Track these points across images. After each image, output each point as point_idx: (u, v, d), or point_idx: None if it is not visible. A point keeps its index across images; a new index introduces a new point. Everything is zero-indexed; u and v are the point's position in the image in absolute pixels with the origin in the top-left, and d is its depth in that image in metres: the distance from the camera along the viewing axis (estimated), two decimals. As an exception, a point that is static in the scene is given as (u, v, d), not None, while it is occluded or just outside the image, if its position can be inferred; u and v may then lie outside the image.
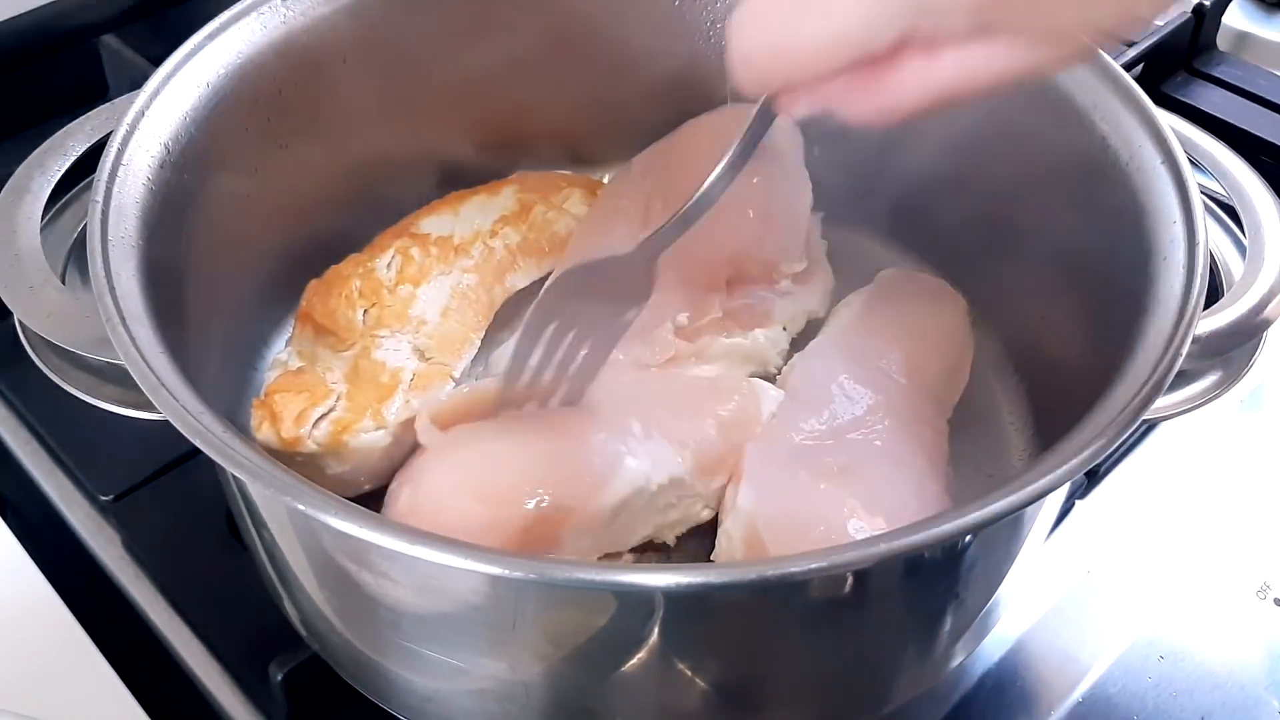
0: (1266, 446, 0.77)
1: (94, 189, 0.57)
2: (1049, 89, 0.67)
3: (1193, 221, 0.57)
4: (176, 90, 0.63)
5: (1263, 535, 0.72)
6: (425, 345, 0.68)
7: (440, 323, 0.69)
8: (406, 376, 0.66)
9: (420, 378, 0.66)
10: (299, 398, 0.63)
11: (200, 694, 0.64)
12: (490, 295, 0.73)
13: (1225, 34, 1.02)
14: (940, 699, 0.64)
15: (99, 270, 0.54)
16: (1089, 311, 0.64)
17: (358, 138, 0.74)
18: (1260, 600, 0.69)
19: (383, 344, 0.67)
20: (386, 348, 0.67)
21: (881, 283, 0.76)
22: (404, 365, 0.67)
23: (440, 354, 0.68)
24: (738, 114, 0.80)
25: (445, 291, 0.71)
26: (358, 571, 0.50)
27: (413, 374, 0.66)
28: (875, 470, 0.64)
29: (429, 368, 0.67)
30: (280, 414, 0.62)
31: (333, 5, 0.71)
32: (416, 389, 0.66)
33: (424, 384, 0.66)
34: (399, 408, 0.65)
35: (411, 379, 0.66)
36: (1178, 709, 0.64)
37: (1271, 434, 0.77)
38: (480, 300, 0.72)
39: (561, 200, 0.78)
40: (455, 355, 0.69)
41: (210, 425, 0.49)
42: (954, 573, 0.54)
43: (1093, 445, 0.48)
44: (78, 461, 0.73)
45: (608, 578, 0.47)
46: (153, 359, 0.51)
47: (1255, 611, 0.68)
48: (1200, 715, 0.64)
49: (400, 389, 0.65)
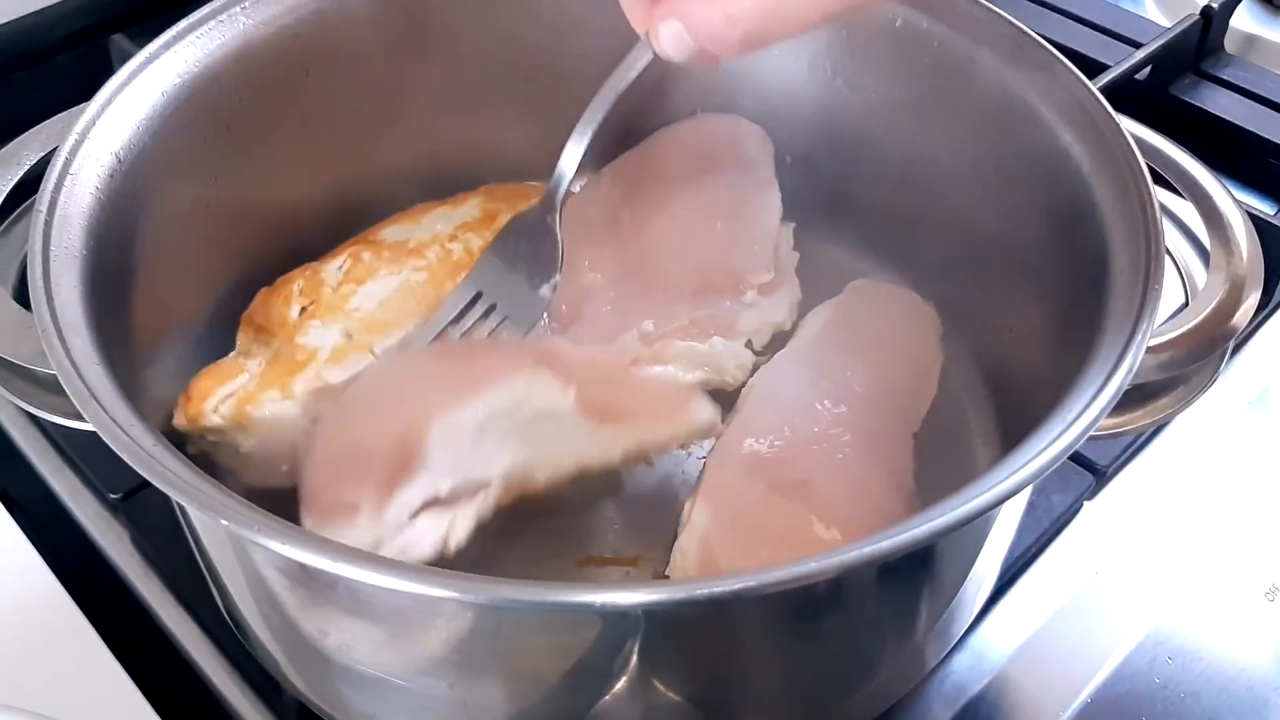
0: (1275, 447, 0.76)
1: (39, 199, 0.57)
2: (1015, 100, 0.66)
3: (1150, 233, 0.56)
4: (130, 99, 0.63)
5: (1271, 536, 0.71)
6: (353, 329, 0.67)
7: (374, 310, 0.68)
8: (324, 355, 0.65)
9: (336, 353, 0.65)
10: (212, 379, 0.63)
11: (209, 691, 0.64)
12: (439, 291, 0.70)
13: (1233, 36, 1.02)
14: (948, 700, 0.64)
15: (38, 280, 0.53)
16: (1053, 325, 0.63)
17: (319, 149, 0.74)
18: (1269, 601, 0.68)
19: (310, 331, 0.66)
20: (312, 334, 0.66)
21: (851, 294, 0.75)
22: (323, 344, 0.65)
23: (365, 335, 0.66)
24: (709, 124, 0.80)
25: (390, 286, 0.69)
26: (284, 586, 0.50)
27: (330, 351, 0.65)
28: (835, 484, 0.63)
29: (348, 344, 0.66)
30: (191, 396, 0.62)
31: (294, 15, 0.70)
32: (331, 362, 0.64)
33: (339, 358, 0.65)
34: (309, 378, 0.63)
35: (328, 356, 0.65)
36: (1186, 711, 0.64)
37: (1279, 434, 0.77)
38: (426, 295, 0.70)
39: (527, 208, 0.77)
40: (381, 335, 0.67)
41: (139, 438, 0.48)
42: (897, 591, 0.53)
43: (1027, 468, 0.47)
44: (86, 459, 0.73)
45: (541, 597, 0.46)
46: (86, 370, 0.50)
47: (1264, 613, 0.68)
48: (1209, 717, 0.63)
49: (313, 364, 0.64)
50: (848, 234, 0.79)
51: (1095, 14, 1.03)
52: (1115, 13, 1.04)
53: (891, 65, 0.73)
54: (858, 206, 0.77)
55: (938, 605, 0.57)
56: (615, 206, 0.77)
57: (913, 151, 0.74)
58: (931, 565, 0.54)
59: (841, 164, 0.77)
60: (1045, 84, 0.65)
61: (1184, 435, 0.76)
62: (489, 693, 0.53)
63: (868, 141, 0.76)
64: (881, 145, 0.75)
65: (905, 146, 0.74)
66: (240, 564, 0.54)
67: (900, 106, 0.73)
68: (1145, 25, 1.03)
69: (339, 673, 0.55)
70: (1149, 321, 0.52)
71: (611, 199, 0.77)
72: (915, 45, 0.71)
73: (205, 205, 0.68)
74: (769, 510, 0.61)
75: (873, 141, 0.75)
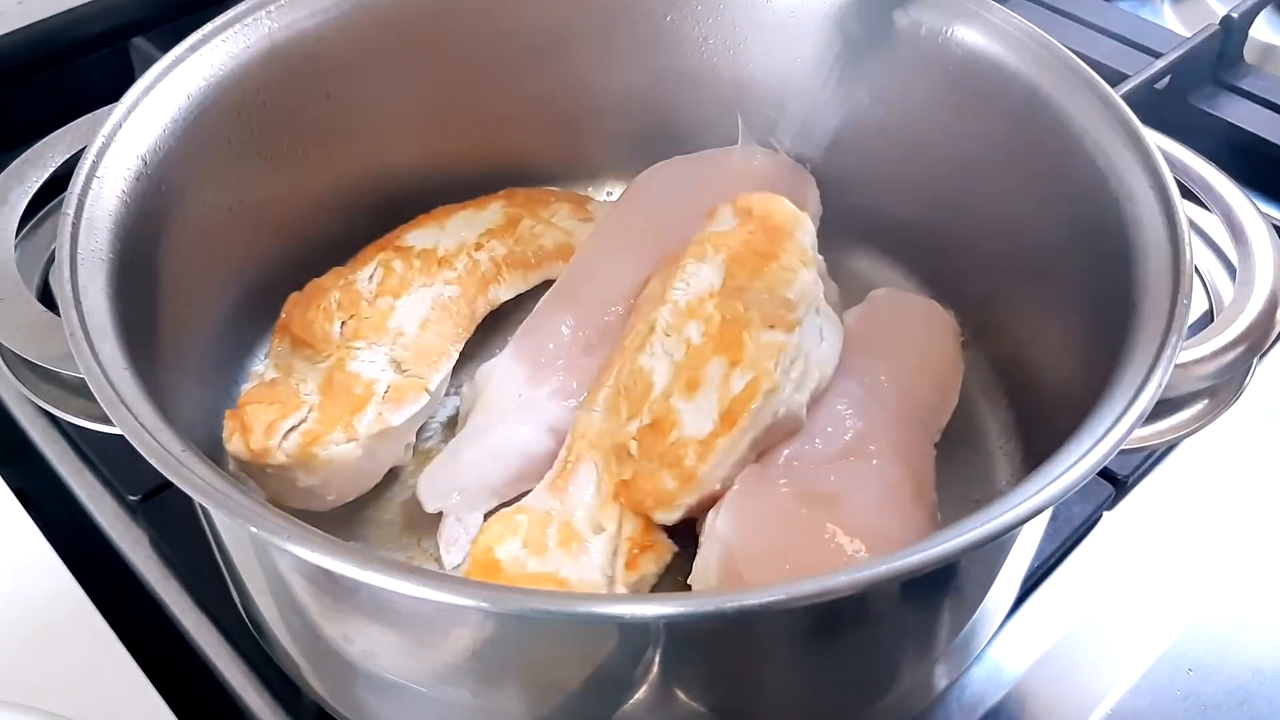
0: (1295, 458, 0.76)
1: (66, 202, 0.57)
2: (1043, 111, 0.66)
3: (1178, 247, 0.56)
4: (156, 102, 0.63)
5: (1292, 547, 0.71)
6: (402, 357, 0.68)
7: (418, 334, 0.69)
8: (380, 389, 0.66)
9: (395, 390, 0.66)
10: (270, 409, 0.63)
11: (226, 693, 0.64)
12: (473, 307, 0.72)
13: (1252, 46, 1.02)
14: (966, 712, 0.64)
15: (66, 284, 0.53)
16: (1077, 337, 0.63)
17: (343, 151, 0.74)
18: (1290, 613, 0.68)
19: (358, 355, 0.67)
20: (362, 359, 0.67)
21: (873, 302, 0.75)
22: (378, 377, 0.66)
23: (416, 366, 0.67)
24: (764, 153, 0.79)
25: (425, 303, 0.70)
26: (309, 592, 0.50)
27: (387, 386, 0.66)
28: (861, 496, 0.63)
29: (403, 380, 0.66)
30: (251, 425, 0.62)
31: (318, 19, 0.70)
32: (390, 401, 0.65)
33: (398, 397, 0.66)
34: (371, 420, 0.64)
35: (385, 391, 0.65)
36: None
37: (1301, 445, 0.77)
38: (461, 312, 0.71)
39: (549, 214, 0.78)
40: (432, 368, 0.68)
41: (168, 443, 0.48)
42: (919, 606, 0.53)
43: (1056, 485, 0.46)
44: (106, 461, 0.73)
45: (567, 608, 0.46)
46: (114, 374, 0.51)
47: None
48: (1229, 729, 0.63)
49: (373, 401, 0.65)
50: (869, 243, 0.79)
51: (1114, 24, 1.03)
52: (1134, 22, 1.04)
53: (915, 75, 0.73)
54: (879, 215, 0.77)
55: (960, 619, 0.57)
56: (661, 221, 0.76)
57: (936, 161, 0.73)
58: (956, 579, 0.54)
59: (863, 173, 0.77)
60: (1072, 94, 0.65)
61: (1204, 446, 0.76)
62: (511, 701, 0.53)
63: (890, 150, 0.76)
64: (905, 154, 0.75)
65: (928, 156, 0.74)
66: (264, 569, 0.54)
67: (924, 116, 0.73)
68: (1164, 35, 1.03)
69: (361, 679, 0.55)
70: (1178, 336, 0.52)
71: (660, 212, 0.77)
72: (939, 55, 0.71)
73: (229, 208, 0.68)
74: (793, 521, 0.61)
75: (895, 150, 0.75)
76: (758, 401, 0.62)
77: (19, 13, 0.93)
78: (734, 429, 0.62)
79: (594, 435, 0.65)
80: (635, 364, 0.65)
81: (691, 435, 0.63)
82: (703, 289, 0.65)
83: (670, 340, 0.65)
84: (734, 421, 0.62)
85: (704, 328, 0.65)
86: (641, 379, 0.65)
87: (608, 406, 0.65)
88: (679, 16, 0.77)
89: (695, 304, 0.65)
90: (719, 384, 0.63)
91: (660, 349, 0.65)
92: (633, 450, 0.63)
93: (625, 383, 0.65)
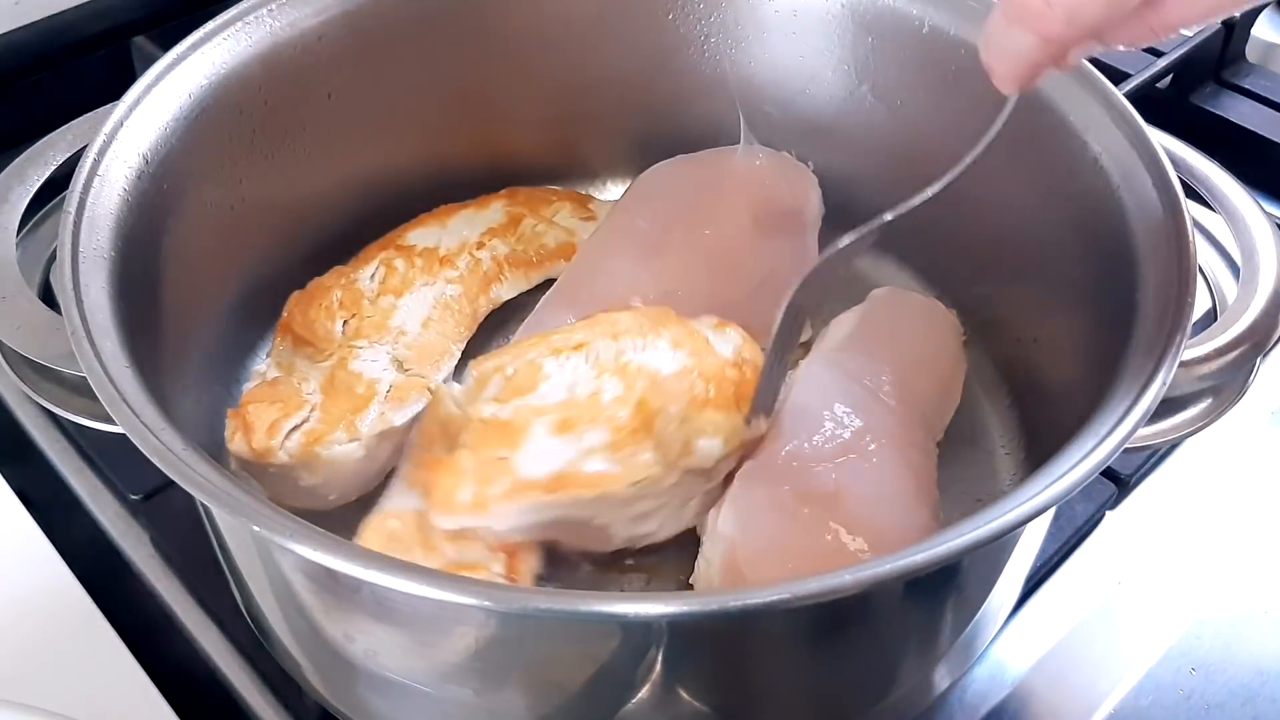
0: (1298, 457, 0.76)
1: (67, 200, 0.57)
2: (1046, 110, 0.66)
3: (1182, 246, 0.56)
4: (158, 100, 0.63)
5: (1295, 546, 0.71)
6: (404, 356, 0.68)
7: (420, 333, 0.69)
8: (382, 388, 0.65)
9: (396, 389, 0.66)
10: (273, 408, 0.63)
11: (228, 693, 0.64)
12: (474, 306, 0.72)
13: (1254, 45, 1.02)
14: (969, 711, 0.64)
15: (67, 283, 0.53)
16: (1080, 335, 0.63)
17: (345, 150, 0.74)
18: (1294, 611, 0.68)
19: (360, 354, 0.67)
20: (364, 358, 0.67)
21: (874, 301, 0.75)
22: (380, 376, 0.66)
23: (418, 365, 0.67)
24: (766, 153, 0.79)
25: (428, 302, 0.70)
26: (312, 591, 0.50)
27: (389, 385, 0.66)
28: (863, 495, 0.63)
29: (406, 379, 0.66)
30: (253, 424, 0.62)
31: (320, 17, 0.70)
32: (392, 401, 0.65)
33: (400, 396, 0.66)
34: (373, 420, 0.64)
35: (388, 390, 0.65)
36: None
37: (1304, 445, 0.77)
38: (463, 311, 0.71)
39: (551, 213, 0.77)
40: (434, 367, 0.68)
41: (170, 442, 0.48)
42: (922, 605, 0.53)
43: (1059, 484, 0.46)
44: (107, 460, 0.73)
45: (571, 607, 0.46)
46: (116, 372, 0.50)
47: (1289, 623, 0.68)
48: (1232, 728, 0.63)
49: (375, 401, 0.65)
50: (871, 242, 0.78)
51: (1117, 22, 1.03)
52: (1137, 21, 1.04)
53: (917, 72, 0.73)
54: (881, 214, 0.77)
55: (963, 618, 0.57)
56: (667, 221, 0.76)
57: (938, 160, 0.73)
58: (959, 579, 0.54)
59: (865, 172, 0.77)
60: (1075, 93, 0.64)
61: (1207, 445, 0.76)
62: (513, 700, 0.53)
63: (891, 148, 0.75)
64: (907, 154, 0.75)
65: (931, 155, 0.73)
66: (266, 568, 0.53)
67: (925, 114, 0.73)
68: (1166, 34, 1.03)
69: (363, 678, 0.55)
70: (1182, 335, 0.52)
71: (664, 212, 0.76)
72: (942, 52, 0.71)
73: (230, 207, 0.68)
74: (796, 520, 0.61)
75: (897, 148, 0.75)
76: (592, 494, 0.57)
77: (19, 11, 0.93)
78: (552, 494, 0.57)
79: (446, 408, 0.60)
80: (537, 358, 0.61)
81: (519, 467, 0.57)
82: (653, 363, 0.61)
83: (584, 370, 0.60)
84: (559, 487, 0.57)
85: (623, 393, 0.59)
86: (529, 378, 0.60)
87: (478, 379, 0.61)
88: (681, 15, 0.77)
89: (633, 369, 0.60)
90: (582, 449, 0.58)
91: (571, 366, 0.60)
92: (463, 438, 0.58)
93: (517, 368, 0.60)
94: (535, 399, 0.59)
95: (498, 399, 0.60)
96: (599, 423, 0.58)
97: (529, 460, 0.57)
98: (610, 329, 0.63)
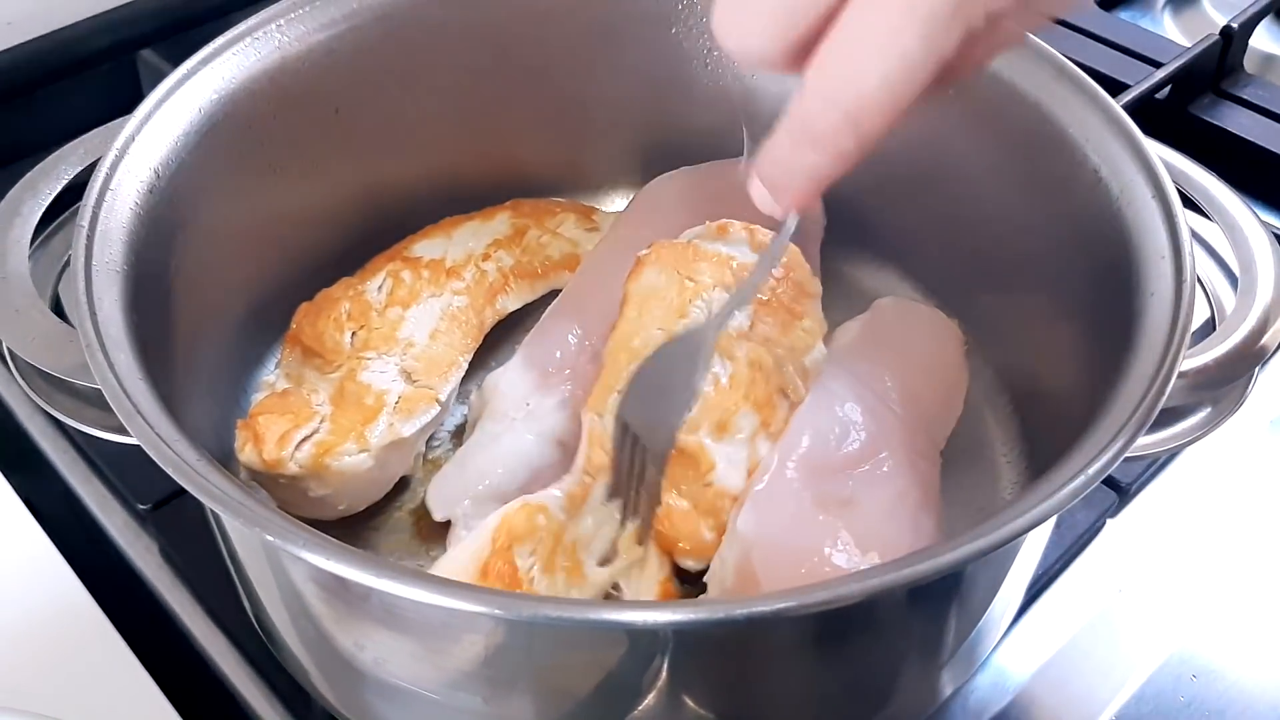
0: (1298, 464, 0.76)
1: (80, 214, 0.57)
2: (1045, 121, 0.66)
3: (1181, 257, 0.56)
4: (168, 115, 0.64)
5: (1296, 552, 0.71)
6: (412, 368, 0.68)
7: (428, 344, 0.69)
8: (391, 399, 0.66)
9: (405, 401, 0.66)
10: (283, 419, 0.63)
11: (236, 701, 0.65)
12: (481, 317, 0.73)
13: (1252, 56, 1.03)
14: (972, 716, 0.64)
15: (81, 296, 0.54)
16: (1080, 345, 0.64)
17: (352, 163, 0.75)
18: (1294, 619, 0.68)
19: (369, 365, 0.67)
20: (373, 369, 0.67)
21: (877, 311, 0.75)
22: (389, 388, 0.67)
23: (427, 376, 0.68)
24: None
25: (435, 313, 0.71)
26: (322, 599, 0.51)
27: (398, 397, 0.66)
28: (875, 503, 0.63)
29: (415, 390, 0.67)
30: (263, 435, 0.62)
31: (329, 31, 0.71)
32: (401, 412, 0.66)
33: (409, 407, 0.66)
34: (383, 431, 0.65)
35: (397, 402, 0.66)
36: (1211, 729, 0.64)
37: (1304, 452, 0.77)
38: (470, 322, 0.72)
39: (556, 225, 0.78)
40: (442, 378, 0.69)
41: (184, 453, 0.49)
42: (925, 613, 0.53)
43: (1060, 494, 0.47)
44: (115, 470, 0.73)
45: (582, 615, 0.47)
46: (130, 385, 0.51)
47: (1289, 631, 0.68)
48: (1233, 735, 0.63)
49: (384, 412, 0.65)
50: (873, 252, 0.79)
51: (1115, 34, 1.03)
52: (1135, 32, 1.05)
53: (919, 85, 0.73)
54: (883, 224, 0.78)
55: (966, 626, 0.57)
56: (674, 232, 0.76)
57: (938, 169, 0.74)
58: (962, 587, 0.54)
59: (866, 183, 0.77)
60: (1073, 104, 0.65)
61: (1207, 453, 0.76)
62: (521, 707, 0.53)
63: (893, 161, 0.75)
64: (907, 165, 0.75)
65: (931, 164, 0.74)
66: (276, 577, 0.54)
67: (926, 126, 0.73)
68: (1165, 45, 1.03)
69: (372, 686, 0.55)
70: (1181, 345, 0.52)
71: (670, 222, 0.76)
72: (943, 66, 0.71)
73: (238, 220, 0.69)
74: (811, 526, 0.61)
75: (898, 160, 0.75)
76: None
77: (27, 26, 0.94)
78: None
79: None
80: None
81: (726, 486, 0.61)
82: (729, 326, 0.62)
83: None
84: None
85: (733, 370, 0.62)
86: None
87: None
88: (684, 29, 0.78)
89: (724, 342, 0.62)
90: (749, 439, 0.62)
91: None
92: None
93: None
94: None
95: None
96: (739, 408, 0.61)
97: (726, 473, 0.61)
98: (662, 307, 0.64)
